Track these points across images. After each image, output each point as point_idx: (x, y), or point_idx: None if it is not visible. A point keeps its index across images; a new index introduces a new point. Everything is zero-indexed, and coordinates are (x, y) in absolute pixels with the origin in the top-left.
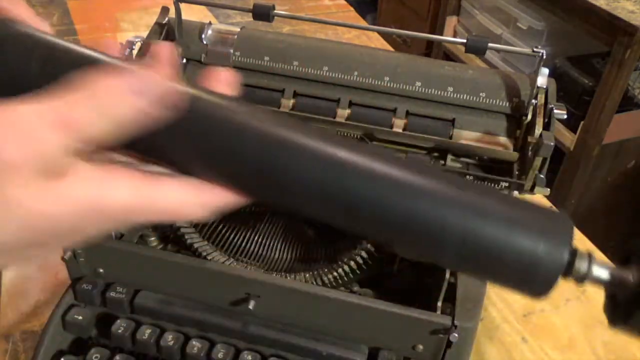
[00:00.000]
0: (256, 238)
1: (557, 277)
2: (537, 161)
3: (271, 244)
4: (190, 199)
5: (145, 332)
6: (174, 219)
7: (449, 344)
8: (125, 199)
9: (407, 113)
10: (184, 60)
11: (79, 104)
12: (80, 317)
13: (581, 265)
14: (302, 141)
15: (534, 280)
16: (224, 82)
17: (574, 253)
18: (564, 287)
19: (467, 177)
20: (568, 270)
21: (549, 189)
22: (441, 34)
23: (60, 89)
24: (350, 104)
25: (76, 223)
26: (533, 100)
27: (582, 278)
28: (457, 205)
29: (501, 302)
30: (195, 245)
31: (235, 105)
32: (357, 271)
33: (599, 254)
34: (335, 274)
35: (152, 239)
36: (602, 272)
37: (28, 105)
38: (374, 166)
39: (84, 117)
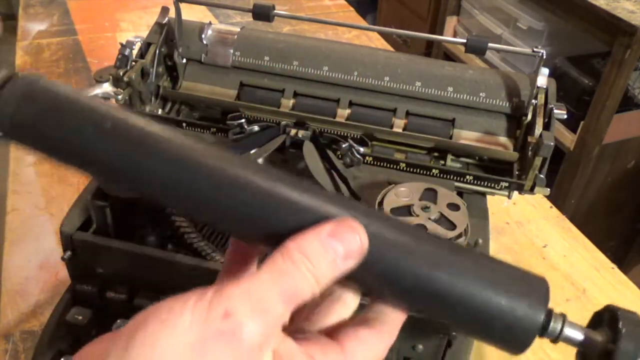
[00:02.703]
0: None
1: (534, 337)
2: (537, 161)
3: None
4: (375, 351)
5: None
6: None
7: (449, 343)
8: None
9: (407, 113)
10: (184, 61)
11: (299, 278)
12: (80, 317)
13: (556, 326)
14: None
15: (512, 339)
16: None
17: (549, 314)
18: (564, 287)
19: (467, 177)
20: (544, 330)
21: (549, 189)
22: (441, 34)
23: (276, 258)
24: (350, 104)
25: None
26: (533, 100)
27: (556, 338)
28: (451, 273)
29: None
30: (195, 245)
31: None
32: None
33: (598, 255)
34: None
35: (152, 238)
36: (574, 333)
37: (262, 279)
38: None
39: (304, 289)
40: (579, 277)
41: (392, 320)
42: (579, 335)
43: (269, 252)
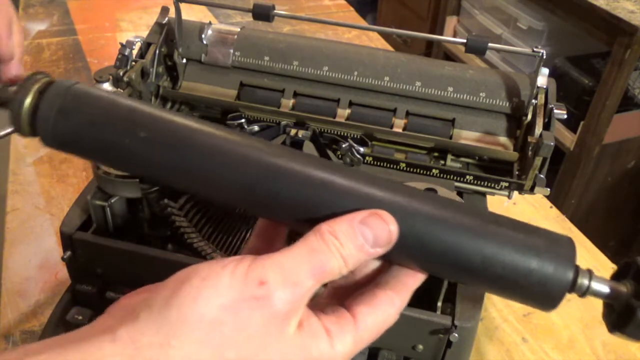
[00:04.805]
0: None
1: (564, 293)
2: (537, 161)
3: None
4: (384, 316)
5: None
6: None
7: (449, 344)
8: (347, 350)
9: (407, 113)
10: (184, 61)
11: (329, 256)
12: (80, 317)
13: (583, 281)
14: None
15: (544, 297)
16: None
17: (576, 271)
18: None
19: (467, 177)
20: (572, 287)
21: (549, 189)
22: (441, 34)
23: (310, 237)
24: (350, 104)
25: None
26: (533, 100)
27: (584, 292)
28: (482, 236)
29: (501, 302)
30: (195, 245)
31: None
32: None
33: (598, 255)
34: None
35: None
36: (600, 286)
37: (295, 254)
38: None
39: (333, 268)
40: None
41: (404, 286)
42: (605, 289)
43: (299, 231)
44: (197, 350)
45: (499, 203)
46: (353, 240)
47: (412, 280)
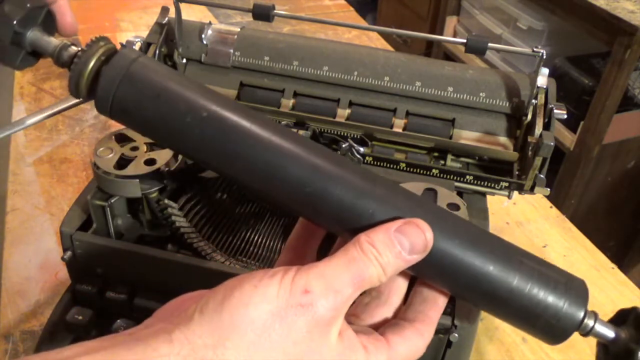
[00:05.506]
0: (256, 238)
1: (573, 332)
2: (537, 161)
3: (271, 244)
4: (415, 348)
5: None
6: None
7: (449, 344)
8: None
9: (407, 113)
10: (184, 61)
11: (367, 264)
12: (80, 317)
13: (588, 322)
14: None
15: (554, 331)
16: None
17: (585, 311)
18: None
19: (467, 177)
20: (579, 325)
21: (549, 189)
22: (441, 34)
23: (350, 248)
24: (350, 104)
25: None
26: (533, 100)
27: (587, 332)
28: (504, 273)
29: None
30: (195, 245)
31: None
32: None
33: (598, 255)
34: None
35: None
36: (605, 330)
37: (335, 264)
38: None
39: (372, 275)
40: (579, 277)
41: (430, 319)
42: (610, 333)
43: (340, 235)
44: (249, 352)
45: (499, 203)
46: (390, 248)
47: (435, 314)
